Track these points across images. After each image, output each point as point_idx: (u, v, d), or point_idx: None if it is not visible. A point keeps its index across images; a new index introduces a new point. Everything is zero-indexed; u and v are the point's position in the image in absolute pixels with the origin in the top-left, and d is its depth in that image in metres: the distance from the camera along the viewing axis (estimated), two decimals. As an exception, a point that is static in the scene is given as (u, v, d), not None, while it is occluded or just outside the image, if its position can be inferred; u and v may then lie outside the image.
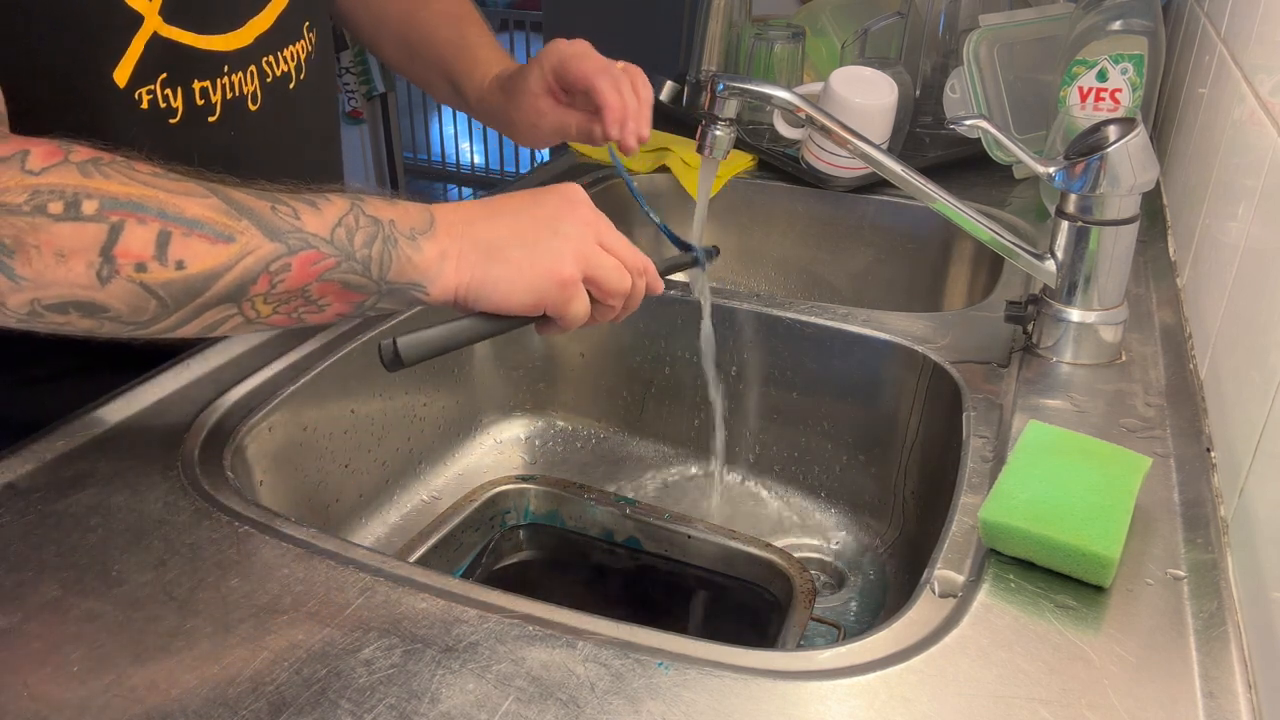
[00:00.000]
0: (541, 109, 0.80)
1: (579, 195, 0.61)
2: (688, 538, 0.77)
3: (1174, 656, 0.47)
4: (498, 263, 0.57)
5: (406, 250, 0.55)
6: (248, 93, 0.70)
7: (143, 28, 0.62)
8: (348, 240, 0.54)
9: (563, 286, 0.58)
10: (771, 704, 0.45)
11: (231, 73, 0.69)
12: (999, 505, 0.53)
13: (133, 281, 0.49)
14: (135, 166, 0.51)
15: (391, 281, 0.55)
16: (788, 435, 0.87)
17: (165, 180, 0.51)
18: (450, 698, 0.44)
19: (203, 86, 0.67)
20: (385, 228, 0.55)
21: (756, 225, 1.14)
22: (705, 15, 1.26)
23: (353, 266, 0.54)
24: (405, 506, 0.83)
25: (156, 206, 0.49)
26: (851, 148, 0.71)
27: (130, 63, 0.62)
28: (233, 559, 0.53)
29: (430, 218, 0.57)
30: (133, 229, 0.48)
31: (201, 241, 0.50)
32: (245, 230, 0.51)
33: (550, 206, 0.60)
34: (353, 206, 0.55)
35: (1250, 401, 0.56)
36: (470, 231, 0.58)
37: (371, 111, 2.83)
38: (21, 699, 0.44)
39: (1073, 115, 0.97)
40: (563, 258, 0.58)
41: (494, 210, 0.59)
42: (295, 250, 0.52)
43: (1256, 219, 0.63)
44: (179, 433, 0.64)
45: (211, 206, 0.51)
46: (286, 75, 0.74)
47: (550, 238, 0.58)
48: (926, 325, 0.80)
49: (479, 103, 0.86)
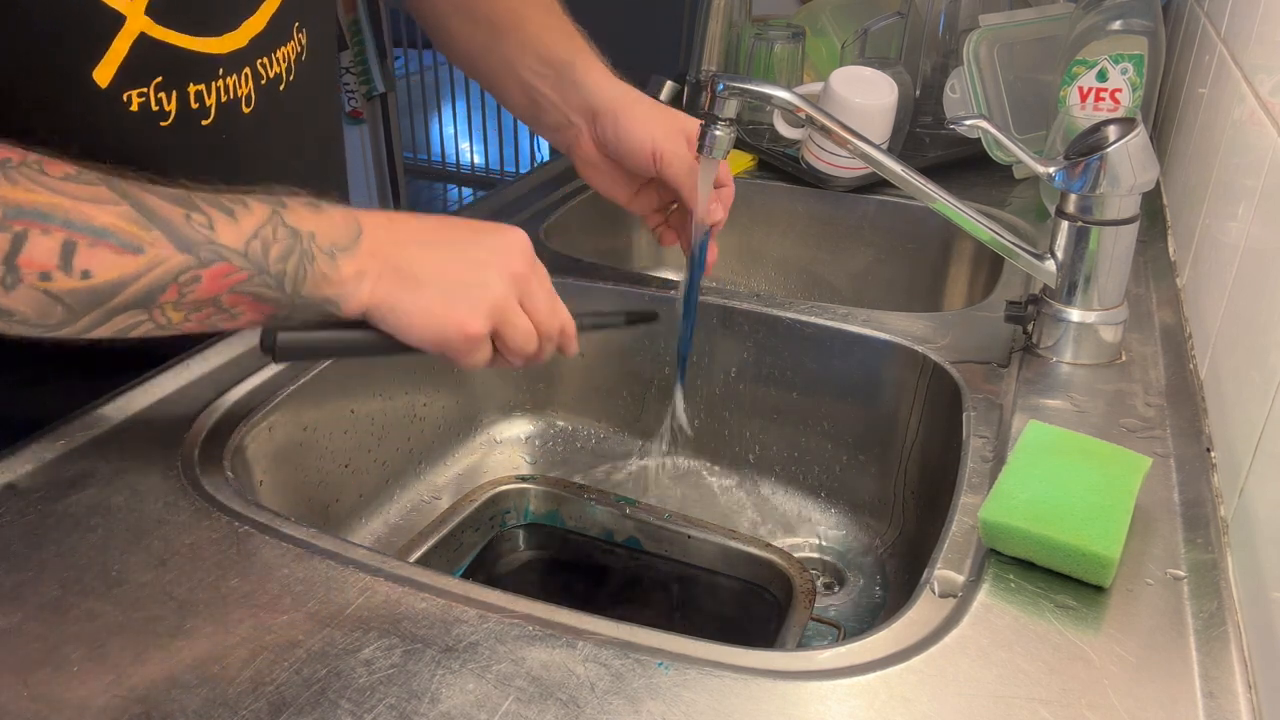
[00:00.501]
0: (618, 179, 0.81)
1: (518, 245, 0.61)
2: (688, 538, 0.77)
3: (1174, 656, 0.47)
4: (410, 295, 0.57)
5: (323, 267, 0.55)
6: (242, 95, 0.70)
7: (125, 28, 0.61)
8: (262, 254, 0.53)
9: (466, 339, 0.58)
10: (771, 704, 0.45)
11: (226, 75, 0.68)
12: (999, 505, 0.53)
13: (36, 289, 0.49)
14: (46, 169, 0.50)
15: (305, 296, 0.55)
16: (788, 435, 0.87)
17: (76, 186, 0.50)
18: (450, 698, 0.44)
19: (198, 90, 0.66)
20: (304, 241, 0.55)
21: (756, 225, 1.14)
22: (705, 15, 1.26)
23: (265, 280, 0.54)
24: (405, 506, 0.83)
25: (62, 216, 0.49)
26: (851, 148, 0.71)
27: (113, 63, 0.61)
28: (233, 559, 0.53)
29: (356, 231, 0.57)
30: (36, 239, 0.48)
31: (108, 252, 0.49)
32: (155, 241, 0.50)
33: (484, 251, 0.59)
34: (272, 216, 0.54)
35: (1250, 401, 0.56)
36: (395, 254, 0.57)
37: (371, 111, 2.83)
38: (21, 699, 0.44)
39: (1073, 115, 0.97)
40: (475, 311, 0.58)
41: (428, 238, 0.59)
42: (206, 263, 0.52)
43: (1256, 219, 0.63)
44: (179, 433, 0.64)
45: (121, 215, 0.50)
46: (278, 77, 0.73)
47: (470, 287, 0.58)
48: (926, 325, 0.80)
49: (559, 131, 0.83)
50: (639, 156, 0.76)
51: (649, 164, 0.76)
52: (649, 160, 0.76)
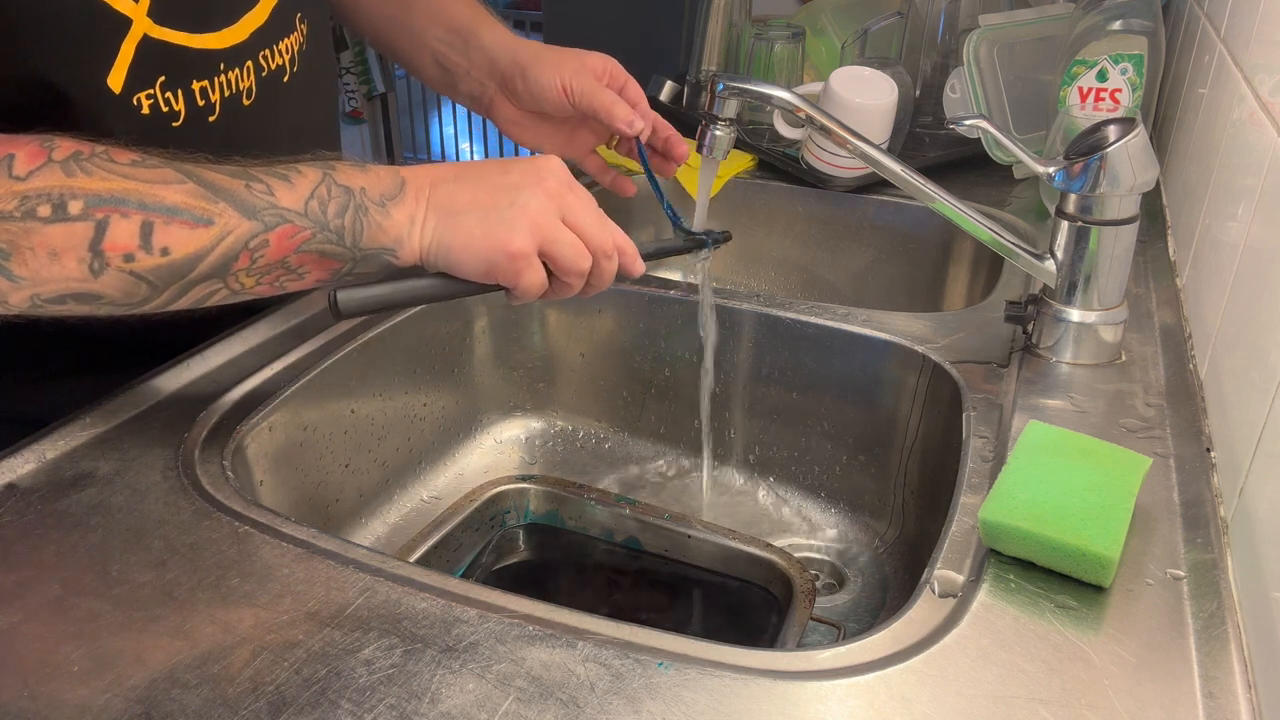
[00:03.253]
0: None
1: (551, 167, 0.61)
2: (688, 538, 0.77)
3: (1174, 656, 0.47)
4: (452, 229, 0.58)
5: (377, 217, 0.57)
6: (243, 89, 0.70)
7: (131, 30, 0.62)
8: (321, 212, 0.56)
9: (512, 259, 0.58)
10: (771, 704, 0.45)
11: (228, 70, 0.68)
12: (999, 505, 0.53)
13: (123, 271, 0.52)
14: (114, 158, 0.52)
15: (364, 248, 0.57)
16: (788, 435, 0.87)
17: (144, 170, 0.52)
18: (450, 698, 0.44)
19: (201, 86, 0.67)
20: (356, 196, 0.57)
21: (756, 225, 1.14)
22: (705, 15, 1.26)
23: (328, 237, 0.56)
24: (405, 506, 0.83)
25: (137, 199, 0.52)
26: (851, 148, 0.71)
27: (123, 67, 0.62)
28: (233, 559, 0.53)
29: (400, 181, 0.59)
30: (117, 223, 0.51)
31: (182, 228, 0.52)
32: (223, 212, 0.53)
33: (516, 175, 0.60)
34: (324, 177, 0.57)
35: (1250, 401, 0.56)
36: (434, 195, 0.59)
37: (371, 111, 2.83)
38: (21, 699, 0.44)
39: (1073, 115, 0.97)
40: (515, 229, 0.58)
41: (460, 175, 0.60)
42: (272, 226, 0.54)
43: (1256, 219, 0.63)
44: (179, 433, 0.64)
45: (189, 192, 0.53)
46: (281, 69, 0.73)
47: (507, 208, 0.59)
48: (926, 325, 0.80)
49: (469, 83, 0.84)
50: (552, 98, 0.78)
51: (563, 101, 0.78)
52: (562, 98, 0.78)
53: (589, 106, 0.77)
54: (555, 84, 0.78)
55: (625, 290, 0.87)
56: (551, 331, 0.91)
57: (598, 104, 0.77)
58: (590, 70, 0.78)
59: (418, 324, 0.83)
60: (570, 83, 0.77)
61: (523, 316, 0.90)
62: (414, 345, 0.83)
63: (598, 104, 0.77)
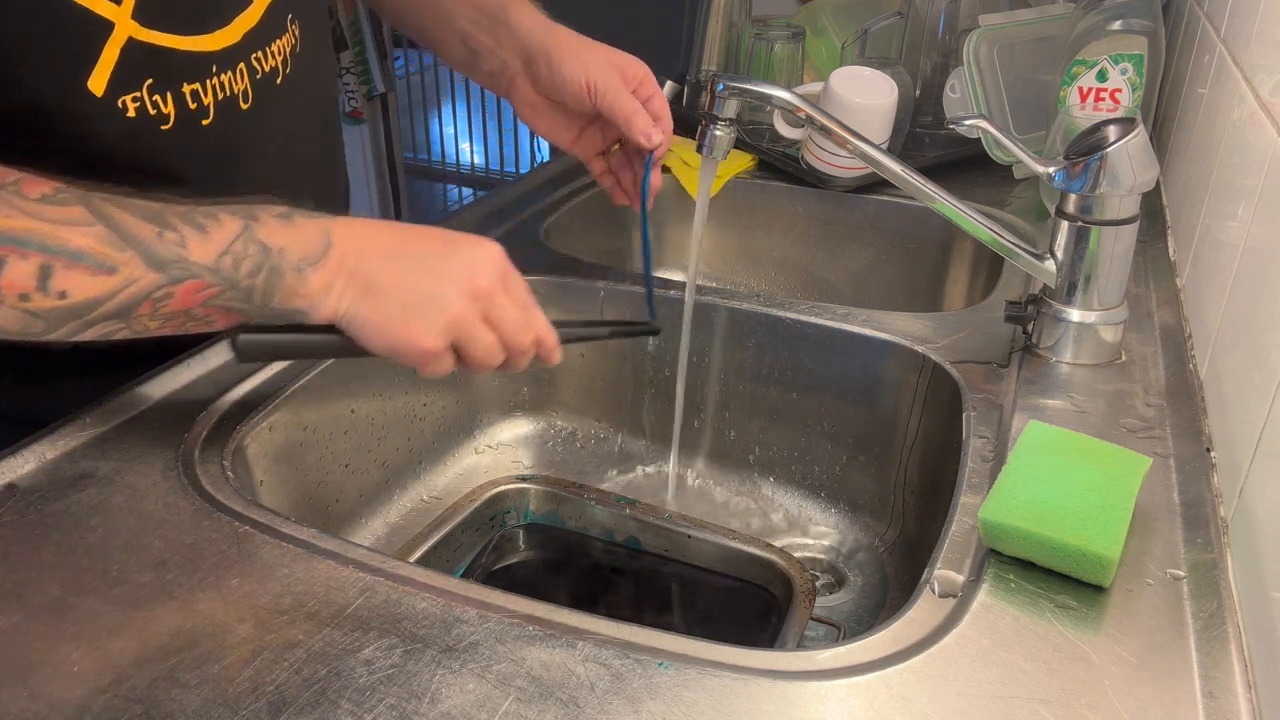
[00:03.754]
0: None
1: (488, 261, 0.60)
2: (688, 538, 0.77)
3: (1174, 656, 0.47)
4: (369, 308, 0.58)
5: (291, 282, 0.56)
6: (238, 91, 0.69)
7: (114, 34, 0.61)
8: (233, 269, 0.55)
9: (420, 354, 0.58)
10: (771, 704, 0.45)
11: (220, 72, 0.68)
12: (999, 505, 0.53)
13: (16, 309, 0.51)
14: (24, 191, 0.51)
15: (275, 308, 0.57)
16: (788, 435, 0.87)
17: (52, 208, 0.51)
18: (450, 698, 0.44)
19: (193, 89, 0.66)
20: (273, 256, 0.56)
21: (756, 225, 1.14)
22: (705, 15, 1.26)
23: (236, 295, 0.55)
24: (405, 506, 0.83)
25: (38, 241, 0.50)
26: (851, 148, 0.71)
27: (106, 70, 0.61)
28: (233, 559, 0.53)
29: (326, 245, 0.57)
30: (15, 264, 0.50)
31: (83, 273, 0.51)
32: (128, 261, 0.52)
33: (451, 265, 0.59)
34: (244, 230, 0.55)
35: (1250, 401, 0.56)
36: (359, 267, 0.58)
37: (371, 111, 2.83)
38: (21, 699, 0.44)
39: (1073, 115, 0.97)
40: (430, 328, 0.58)
41: (393, 251, 0.59)
42: (178, 280, 0.53)
43: (1256, 219, 0.63)
44: (179, 433, 0.64)
45: (96, 236, 0.52)
46: (274, 71, 0.73)
47: (429, 303, 0.58)
48: (926, 325, 0.80)
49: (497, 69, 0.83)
50: (574, 91, 0.76)
51: (585, 98, 0.76)
52: (584, 94, 0.76)
53: (609, 109, 0.76)
54: (580, 79, 0.76)
55: (625, 290, 0.87)
56: (551, 331, 0.91)
57: (619, 109, 0.76)
58: (620, 72, 0.76)
59: (418, 324, 0.83)
60: (596, 81, 0.76)
61: (523, 316, 0.90)
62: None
63: (619, 109, 0.76)
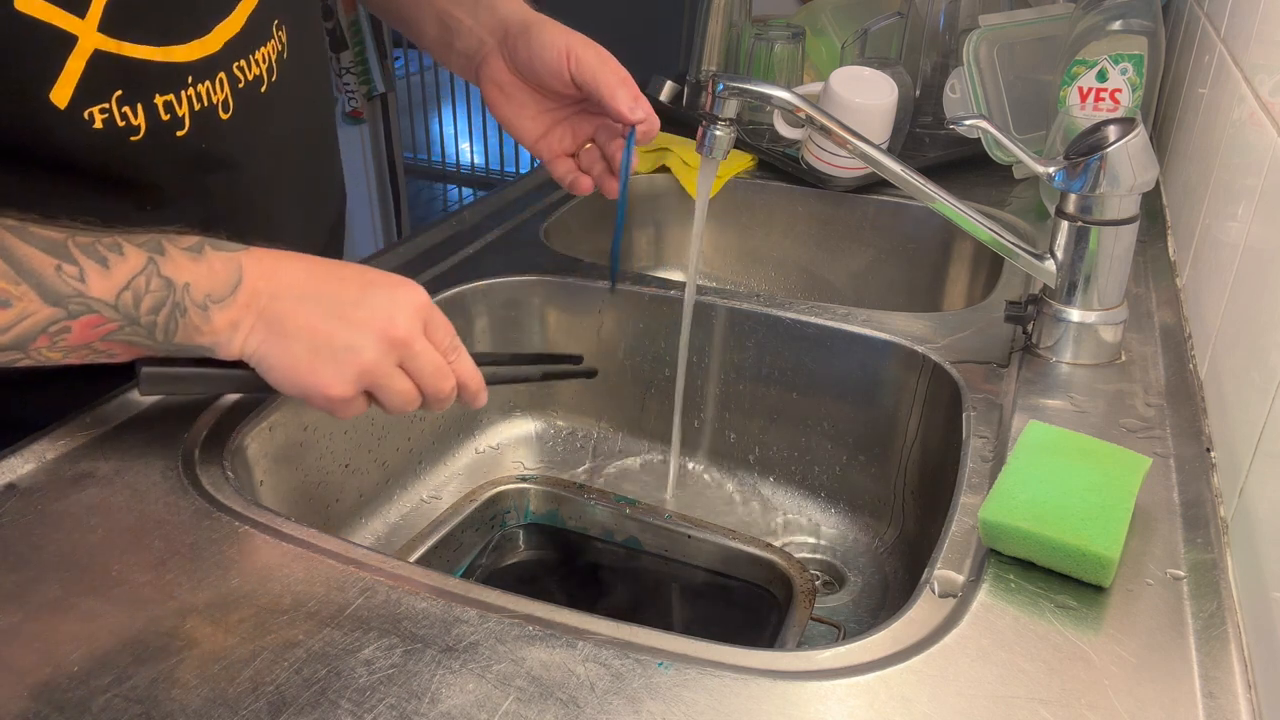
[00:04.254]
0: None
1: (406, 306, 0.59)
2: (688, 538, 0.77)
3: (1174, 656, 0.47)
4: (278, 350, 0.57)
5: (195, 319, 0.56)
6: (218, 101, 0.68)
7: (78, 47, 0.59)
8: (133, 305, 0.54)
9: (328, 400, 0.58)
10: (771, 704, 0.45)
11: (197, 83, 0.66)
12: (999, 505, 0.53)
13: None
14: None
15: (178, 344, 0.56)
16: (788, 435, 0.87)
17: None
18: (450, 698, 0.44)
19: (166, 100, 0.64)
20: (177, 292, 0.55)
21: (756, 225, 1.14)
22: (705, 15, 1.26)
23: (136, 331, 0.55)
24: (405, 506, 0.83)
25: None
26: (851, 148, 0.71)
27: (69, 83, 0.60)
28: (233, 559, 0.53)
29: (235, 282, 0.57)
30: None
31: None
32: (24, 295, 0.52)
33: (365, 311, 0.58)
34: (148, 264, 0.55)
35: (1250, 401, 0.56)
36: (270, 308, 0.57)
37: (371, 111, 2.83)
38: (21, 699, 0.44)
39: (1073, 115, 0.97)
40: (340, 375, 0.57)
41: (308, 290, 0.58)
42: (75, 315, 0.53)
43: (1256, 219, 0.63)
44: (179, 433, 0.64)
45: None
46: (258, 79, 0.71)
47: (340, 349, 0.57)
48: (926, 325, 0.80)
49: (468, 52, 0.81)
50: (552, 60, 0.74)
51: (563, 66, 0.74)
52: (563, 61, 0.74)
53: (591, 81, 0.73)
54: (560, 46, 0.74)
55: (626, 290, 0.87)
56: (551, 331, 0.91)
57: (601, 79, 0.73)
58: (594, 46, 0.75)
59: (418, 324, 0.83)
60: (576, 50, 0.74)
61: (523, 317, 0.90)
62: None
63: (601, 79, 0.73)
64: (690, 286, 0.79)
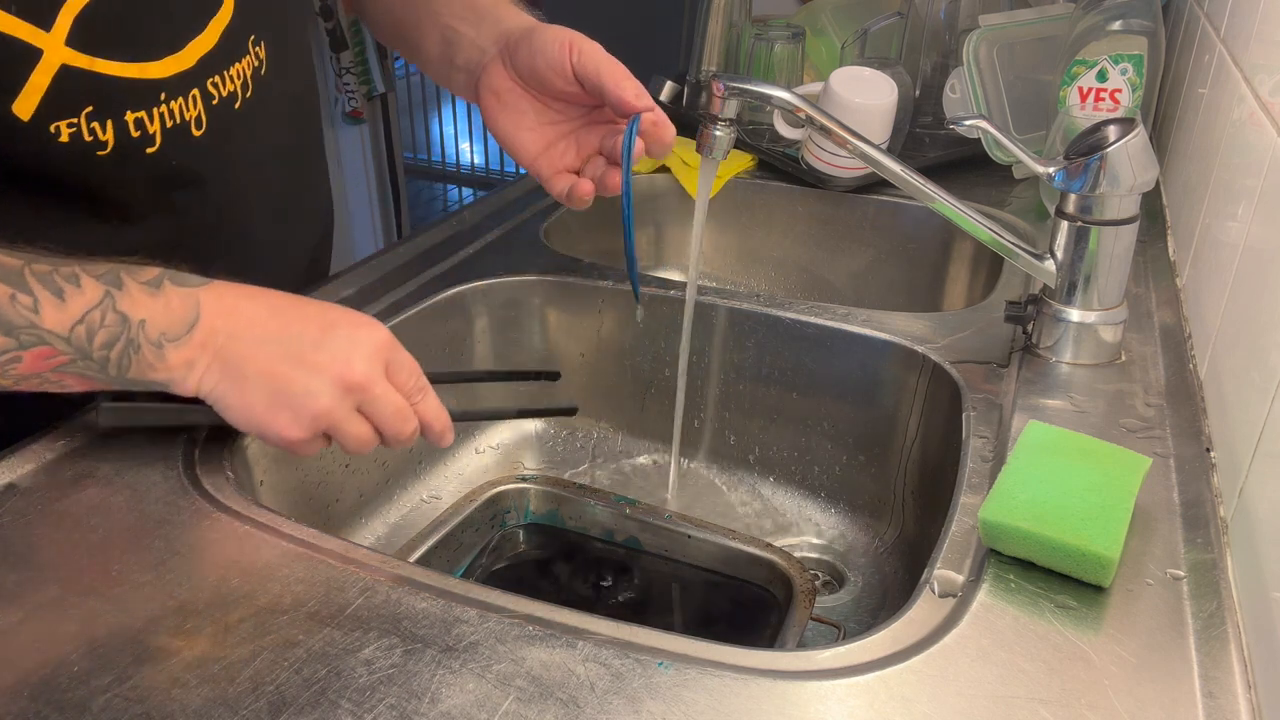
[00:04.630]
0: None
1: (365, 348, 0.59)
2: (688, 538, 0.77)
3: (1174, 656, 0.47)
4: (235, 391, 0.57)
5: (149, 356, 0.55)
6: (190, 118, 0.67)
7: (44, 61, 0.58)
8: (86, 340, 0.54)
9: (286, 442, 0.58)
10: (771, 704, 0.45)
11: (170, 99, 0.65)
12: (999, 505, 0.53)
13: None
14: None
15: (131, 379, 0.56)
16: (788, 435, 0.87)
17: None
18: (450, 697, 0.44)
19: (137, 117, 0.63)
20: (132, 329, 0.55)
21: (756, 225, 1.14)
22: (705, 15, 1.26)
23: (89, 365, 0.55)
24: (405, 506, 0.83)
25: None
26: (851, 148, 0.71)
27: (34, 96, 0.59)
28: (233, 559, 0.53)
29: (192, 320, 0.56)
30: None
31: None
32: None
33: (323, 354, 0.57)
34: (104, 299, 0.54)
35: (1250, 401, 0.56)
36: (226, 348, 0.57)
37: (371, 111, 2.83)
38: (21, 699, 0.44)
39: (1073, 115, 0.97)
40: (296, 419, 0.57)
41: (266, 332, 0.58)
42: (27, 346, 0.53)
43: (1256, 219, 0.63)
44: (179, 433, 0.64)
45: None
46: (233, 95, 0.70)
47: (297, 393, 0.57)
48: (926, 325, 0.80)
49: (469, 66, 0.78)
50: (554, 53, 0.71)
51: (564, 59, 0.71)
52: (564, 54, 0.71)
53: (594, 73, 0.71)
54: (563, 39, 0.71)
55: (626, 290, 0.87)
56: (551, 331, 0.91)
57: (605, 71, 0.71)
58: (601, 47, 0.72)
59: (418, 324, 0.83)
60: (578, 43, 0.71)
61: (523, 317, 0.90)
62: (414, 345, 0.83)
63: (605, 71, 0.71)
64: (691, 286, 0.79)
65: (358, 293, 0.84)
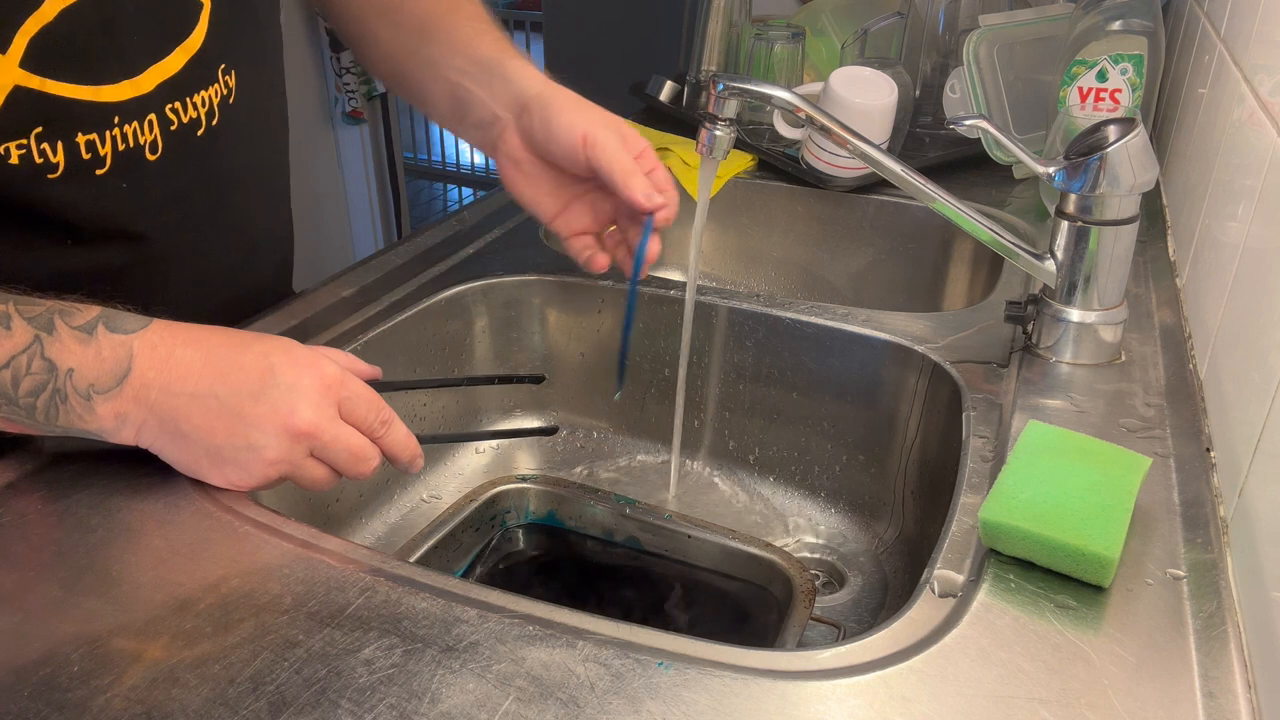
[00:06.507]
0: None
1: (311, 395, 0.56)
2: (688, 538, 0.77)
3: (1174, 656, 0.47)
4: (175, 447, 0.57)
5: (77, 407, 0.54)
6: (144, 142, 0.66)
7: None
8: (11, 386, 0.53)
9: (242, 490, 0.58)
10: (771, 704, 0.45)
11: (124, 123, 0.64)
12: (999, 505, 0.53)
13: None
14: None
15: (61, 428, 0.55)
16: (788, 435, 0.87)
17: None
18: (450, 697, 0.44)
19: (89, 139, 0.63)
20: (59, 378, 0.54)
21: (756, 225, 1.14)
22: (705, 15, 1.26)
23: (15, 411, 0.54)
24: (405, 506, 0.83)
25: None
26: (851, 148, 0.71)
27: None
28: (233, 559, 0.53)
29: (124, 370, 0.54)
30: None
31: None
32: None
33: (265, 407, 0.55)
34: (32, 343, 0.53)
35: (1250, 401, 0.56)
36: (161, 403, 0.55)
37: (371, 111, 2.83)
38: (21, 699, 0.44)
39: (1073, 115, 0.97)
40: (245, 473, 0.56)
41: (203, 386, 0.55)
42: None
43: (1256, 219, 0.63)
44: (179, 433, 0.64)
45: None
46: (195, 121, 0.69)
47: (238, 450, 0.56)
48: (926, 325, 0.80)
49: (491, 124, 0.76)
50: (568, 141, 0.71)
51: (578, 149, 0.70)
52: (578, 144, 0.70)
53: (606, 165, 0.69)
54: (577, 129, 0.70)
55: (626, 290, 0.87)
56: (551, 331, 0.91)
57: (615, 165, 0.69)
58: (618, 134, 0.71)
59: (418, 324, 0.83)
60: (592, 133, 0.70)
61: (523, 317, 0.90)
62: (414, 345, 0.83)
63: (615, 165, 0.69)
64: (691, 286, 0.79)
65: (358, 292, 0.85)
